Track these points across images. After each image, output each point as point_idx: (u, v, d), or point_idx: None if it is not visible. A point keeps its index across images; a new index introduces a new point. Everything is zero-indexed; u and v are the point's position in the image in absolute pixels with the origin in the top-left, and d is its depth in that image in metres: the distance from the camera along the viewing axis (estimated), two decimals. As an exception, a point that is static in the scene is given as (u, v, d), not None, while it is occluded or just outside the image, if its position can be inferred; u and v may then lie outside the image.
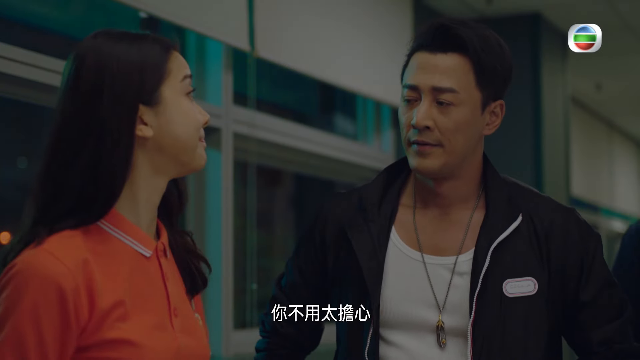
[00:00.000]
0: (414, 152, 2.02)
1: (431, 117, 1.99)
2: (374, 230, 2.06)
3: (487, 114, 2.07)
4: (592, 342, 2.04)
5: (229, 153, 4.21)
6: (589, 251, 2.07)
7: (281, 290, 2.21)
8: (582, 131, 9.24)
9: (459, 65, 2.00)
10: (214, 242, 4.15)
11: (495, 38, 2.06)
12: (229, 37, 4.10)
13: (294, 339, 2.21)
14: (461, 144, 2.02)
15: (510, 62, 2.09)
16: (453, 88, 1.99)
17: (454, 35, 2.02)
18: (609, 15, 6.39)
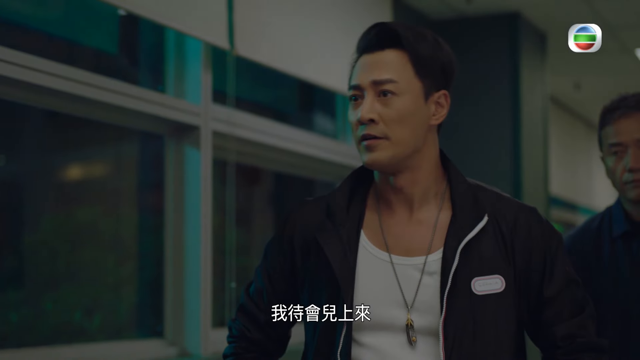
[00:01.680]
0: (364, 148, 2.07)
1: (375, 110, 2.05)
2: (343, 234, 2.10)
3: (431, 104, 2.11)
4: (556, 337, 2.09)
5: (207, 151, 4.21)
6: (552, 249, 2.12)
7: (250, 297, 2.24)
8: (560, 130, 9.27)
9: (396, 58, 2.07)
10: (193, 241, 4.15)
11: (431, 34, 2.12)
12: (208, 36, 4.10)
13: (261, 344, 2.23)
14: (407, 134, 2.06)
15: (450, 56, 2.14)
16: (392, 78, 2.05)
17: (389, 32, 2.09)
18: (587, 15, 6.42)
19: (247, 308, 2.23)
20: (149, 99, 3.95)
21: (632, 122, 2.87)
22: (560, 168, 9.29)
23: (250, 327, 2.22)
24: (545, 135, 6.86)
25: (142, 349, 3.98)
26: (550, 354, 2.12)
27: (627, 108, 2.88)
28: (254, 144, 4.72)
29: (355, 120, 2.07)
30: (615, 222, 2.94)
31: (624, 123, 2.87)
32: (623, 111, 2.88)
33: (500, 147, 6.31)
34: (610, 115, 2.92)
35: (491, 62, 6.38)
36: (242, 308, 2.25)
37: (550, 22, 6.66)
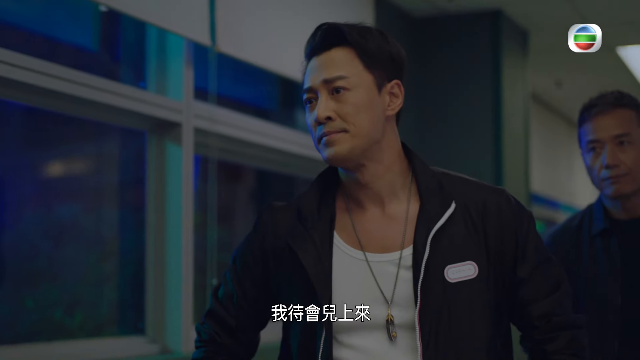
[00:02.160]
0: (324, 146, 2.08)
1: (331, 108, 2.07)
2: (316, 237, 2.10)
3: (385, 95, 2.12)
4: (532, 317, 2.12)
5: (189, 148, 4.21)
6: (523, 228, 2.14)
7: (218, 301, 2.24)
8: (542, 128, 9.30)
9: (343, 56, 2.10)
10: (174, 237, 4.15)
11: (376, 29, 2.14)
12: (190, 32, 4.09)
13: (231, 349, 2.23)
14: (366, 125, 2.07)
15: (398, 47, 2.15)
16: (342, 75, 2.08)
17: (333, 32, 2.11)
18: (568, 12, 6.43)
19: (217, 312, 2.23)
20: (130, 95, 3.94)
21: (609, 119, 2.89)
22: (541, 165, 9.32)
23: (220, 331, 2.22)
24: (527, 133, 6.88)
25: (123, 346, 3.97)
26: (527, 334, 2.15)
27: (604, 105, 2.91)
28: (236, 141, 4.72)
29: (313, 121, 2.09)
30: (595, 220, 2.97)
31: (601, 120, 2.90)
32: (600, 108, 2.91)
33: (481, 144, 6.32)
34: (588, 113, 2.94)
35: (473, 60, 6.39)
36: (211, 312, 2.24)
37: (531, 20, 6.68)
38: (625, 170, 2.87)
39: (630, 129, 2.89)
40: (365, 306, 2.06)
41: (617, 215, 2.95)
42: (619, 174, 2.87)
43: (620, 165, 2.87)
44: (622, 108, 2.91)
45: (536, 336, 2.12)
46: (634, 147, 2.89)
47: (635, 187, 2.89)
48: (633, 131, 2.89)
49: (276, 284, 2.16)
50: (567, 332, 2.12)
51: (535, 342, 2.13)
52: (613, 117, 2.89)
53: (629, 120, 2.90)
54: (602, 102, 2.92)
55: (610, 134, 2.88)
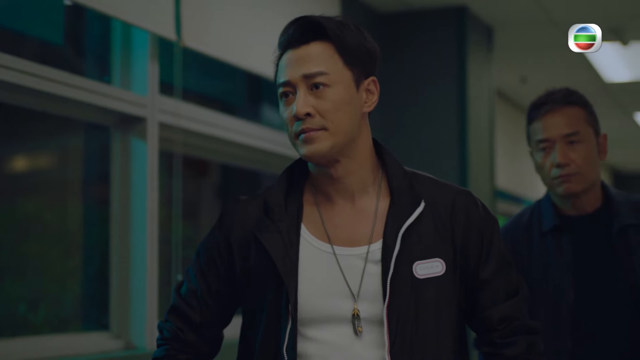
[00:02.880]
0: (301, 142, 2.07)
1: (310, 104, 2.06)
2: (283, 229, 2.10)
3: (362, 92, 2.12)
4: (493, 320, 2.13)
5: (154, 143, 4.19)
6: (488, 231, 2.16)
7: (181, 297, 2.22)
8: (507, 124, 9.34)
9: (323, 50, 2.08)
10: (139, 233, 4.13)
11: (351, 22, 2.13)
12: (155, 26, 4.07)
13: (195, 346, 2.21)
14: (345, 123, 2.07)
15: (374, 43, 2.15)
16: (322, 71, 2.06)
17: (312, 25, 2.09)
18: (533, 9, 6.47)
19: (180, 308, 2.20)
20: (95, 90, 3.92)
21: (558, 117, 2.89)
22: (506, 161, 9.36)
23: (183, 327, 2.20)
24: (492, 129, 6.91)
25: (87, 342, 3.95)
26: (486, 338, 2.15)
27: (554, 103, 2.90)
28: (201, 136, 4.71)
29: (291, 116, 2.07)
30: (545, 217, 2.98)
31: (550, 119, 2.90)
32: (550, 106, 2.90)
33: (446, 141, 6.34)
34: (537, 111, 2.94)
35: (438, 56, 6.41)
36: (174, 309, 2.22)
37: (497, 16, 6.71)
38: (576, 169, 2.87)
39: (579, 127, 2.89)
40: (331, 299, 2.06)
41: (566, 211, 2.97)
42: (569, 172, 2.87)
43: (570, 164, 2.87)
44: (571, 106, 2.91)
45: (496, 339, 2.13)
46: (583, 146, 2.88)
47: (585, 185, 2.89)
48: (582, 129, 2.89)
49: (242, 277, 2.14)
50: (525, 337, 2.14)
51: (495, 346, 2.14)
52: (562, 116, 2.90)
53: (578, 119, 2.90)
54: (551, 100, 2.92)
55: (560, 133, 2.88)
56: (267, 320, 2.09)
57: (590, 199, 2.94)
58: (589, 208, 2.95)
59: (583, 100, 2.95)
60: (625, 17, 6.58)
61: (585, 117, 2.91)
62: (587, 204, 2.94)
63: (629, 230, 2.89)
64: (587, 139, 2.90)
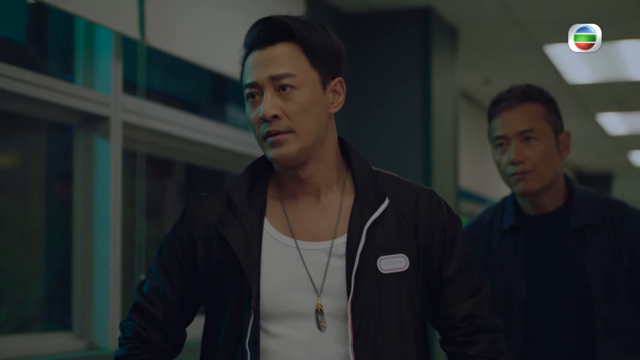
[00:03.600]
0: (269, 145, 2.07)
1: (277, 106, 2.05)
2: (246, 223, 2.10)
3: (329, 93, 2.12)
4: (456, 317, 2.15)
5: (117, 142, 4.17)
6: (451, 230, 2.17)
7: (143, 295, 2.21)
8: (470, 124, 9.38)
9: (289, 52, 2.07)
10: (102, 232, 4.11)
11: (317, 22, 2.13)
12: (118, 25, 4.05)
13: (157, 344, 2.20)
14: (312, 125, 2.07)
15: (340, 43, 2.15)
16: (289, 72, 2.06)
17: (278, 26, 2.09)
18: (497, 10, 6.50)
19: (143, 307, 2.19)
20: (58, 88, 3.90)
21: (516, 114, 2.85)
22: (470, 162, 9.40)
23: (146, 326, 2.18)
24: (456, 129, 6.93)
25: (49, 342, 3.93)
26: (449, 336, 2.17)
27: (512, 100, 2.86)
28: (165, 136, 4.69)
29: (258, 117, 2.07)
30: (505, 216, 2.95)
31: (507, 115, 2.86)
32: (508, 103, 2.86)
33: (411, 141, 6.36)
34: (496, 108, 2.90)
35: (403, 56, 6.42)
36: (136, 307, 2.20)
37: (461, 18, 6.73)
38: (531, 166, 2.83)
39: (536, 125, 2.84)
40: (294, 294, 2.06)
41: (527, 211, 2.92)
42: (524, 170, 2.83)
43: (525, 162, 2.83)
44: (529, 102, 2.86)
45: (458, 338, 2.15)
46: (539, 143, 2.84)
47: (542, 183, 2.85)
48: (539, 126, 2.85)
49: (205, 273, 2.14)
50: (487, 336, 2.16)
51: (457, 344, 2.15)
52: (519, 112, 2.85)
53: (536, 115, 2.85)
54: (510, 97, 2.87)
55: (515, 130, 2.84)
56: (229, 315, 2.08)
57: (550, 198, 2.90)
58: (550, 207, 2.90)
59: (543, 96, 2.90)
60: (589, 18, 6.61)
61: (544, 114, 2.86)
62: (548, 203, 2.90)
63: (586, 230, 2.84)
64: (544, 136, 2.85)
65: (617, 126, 11.12)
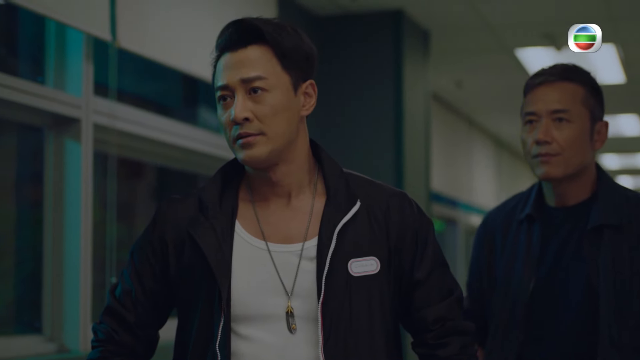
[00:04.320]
0: (240, 147, 2.07)
1: (248, 109, 2.05)
2: (217, 226, 2.10)
3: (300, 95, 2.13)
4: (427, 320, 2.15)
5: (88, 144, 4.16)
6: (423, 231, 2.18)
7: (116, 298, 2.21)
8: (442, 127, 9.41)
9: (261, 54, 2.08)
10: (73, 235, 4.09)
11: (289, 25, 2.14)
12: (89, 27, 4.04)
13: (130, 347, 2.20)
14: (283, 128, 2.08)
15: (311, 45, 2.16)
16: (260, 75, 2.06)
17: (249, 28, 2.09)
18: (469, 14, 6.52)
19: (114, 309, 2.19)
20: (29, 90, 3.88)
21: (551, 91, 2.66)
22: (442, 165, 9.43)
23: (118, 329, 2.19)
24: (427, 132, 6.95)
25: (20, 345, 3.91)
26: (421, 338, 2.18)
27: (550, 76, 2.68)
28: (136, 138, 4.68)
29: (229, 120, 2.07)
30: (527, 203, 2.76)
31: (542, 91, 2.67)
32: (544, 78, 2.68)
33: (382, 143, 6.37)
34: (532, 82, 2.71)
35: (375, 59, 6.44)
36: (109, 310, 2.21)
37: (432, 21, 6.75)
38: (558, 149, 2.62)
39: (571, 106, 2.64)
40: (265, 296, 2.06)
41: (549, 201, 2.72)
42: (549, 152, 2.63)
43: (552, 143, 2.63)
44: (568, 82, 2.67)
45: (430, 340, 2.15)
46: (571, 127, 2.63)
47: (566, 170, 2.64)
48: (574, 109, 2.64)
49: (176, 276, 2.14)
50: (459, 338, 2.17)
51: (429, 346, 2.16)
52: (555, 90, 2.65)
53: (573, 96, 2.65)
54: (549, 73, 2.68)
55: (548, 108, 2.64)
56: (200, 318, 2.08)
57: (575, 189, 2.69)
58: (572, 200, 2.69)
59: (585, 78, 2.70)
60: (559, 22, 6.66)
61: (583, 97, 2.66)
62: (571, 194, 2.69)
63: (604, 230, 2.62)
64: (578, 120, 2.64)
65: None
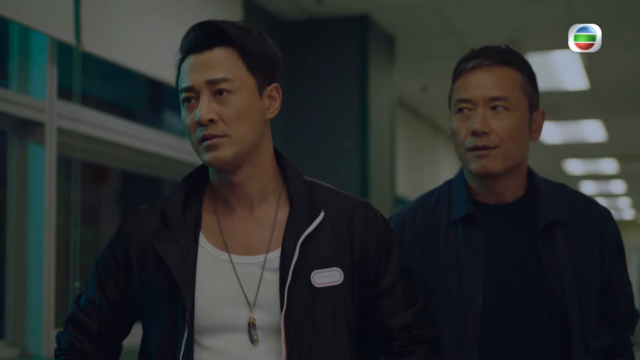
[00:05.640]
0: (204, 149, 2.07)
1: (213, 110, 2.05)
2: (180, 238, 2.10)
3: (265, 98, 2.13)
4: (393, 329, 2.15)
5: (52, 148, 4.13)
6: (387, 241, 2.18)
7: (80, 307, 2.21)
8: (407, 132, 9.43)
9: (226, 56, 2.08)
10: (36, 239, 4.07)
11: (254, 28, 2.14)
12: (53, 30, 4.01)
13: (92, 356, 2.20)
14: (248, 130, 2.08)
15: (276, 49, 2.16)
16: (226, 77, 2.06)
17: (215, 30, 2.09)
18: (434, 20, 6.54)
19: (78, 319, 2.20)
20: (-8, 93, 3.86)
21: (487, 76, 2.37)
22: (407, 169, 9.45)
23: (82, 338, 2.19)
24: (393, 137, 6.96)
25: (-19, 350, 3.88)
26: (386, 347, 2.17)
27: (486, 58, 2.38)
28: (101, 142, 4.66)
29: (194, 122, 2.07)
30: (456, 202, 2.44)
31: (477, 76, 2.37)
32: (480, 62, 2.38)
33: (348, 148, 6.38)
34: (464, 65, 2.41)
35: (340, 64, 6.44)
36: (72, 319, 2.21)
37: (398, 26, 6.77)
38: (497, 141, 2.34)
39: (510, 93, 2.35)
40: (227, 308, 2.06)
41: (482, 197, 2.43)
42: (487, 144, 2.34)
43: (490, 135, 2.33)
44: (506, 66, 2.38)
45: (395, 349, 2.16)
46: (511, 116, 2.35)
47: (506, 164, 2.36)
48: (514, 96, 2.35)
49: (140, 287, 2.14)
50: (424, 346, 2.17)
51: (394, 355, 2.16)
52: (493, 75, 2.36)
53: (512, 83, 2.37)
54: (484, 56, 2.39)
55: (484, 95, 2.35)
56: (163, 329, 2.08)
57: (512, 184, 2.41)
58: (510, 196, 2.42)
59: (523, 64, 2.42)
60: (523, 28, 6.70)
61: (521, 84, 2.38)
62: (508, 190, 2.41)
63: (554, 228, 2.38)
64: (518, 109, 2.36)
65: (551, 135, 11.24)
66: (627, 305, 2.48)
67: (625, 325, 2.49)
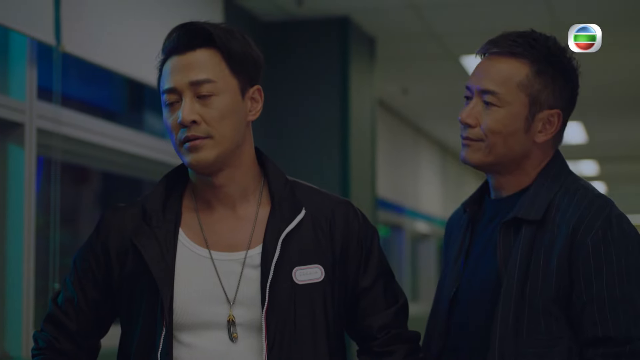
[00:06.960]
0: (187, 150, 2.07)
1: (196, 112, 2.05)
2: (160, 235, 2.10)
3: (247, 100, 2.13)
4: (373, 328, 2.16)
5: (32, 149, 4.12)
6: (368, 240, 2.19)
7: (58, 306, 2.20)
8: (388, 134, 9.44)
9: (209, 58, 2.08)
10: (16, 240, 4.05)
11: (237, 30, 2.14)
12: (33, 31, 4.00)
13: (71, 355, 2.20)
14: (230, 132, 2.08)
15: (258, 51, 2.17)
16: (209, 79, 2.06)
17: (198, 31, 2.09)
18: (415, 22, 6.56)
19: (56, 317, 2.19)
20: (-29, 94, 3.84)
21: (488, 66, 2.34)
22: (387, 171, 9.46)
23: (60, 337, 2.18)
24: (373, 139, 6.97)
25: (-40, 352, 3.86)
26: (366, 346, 2.19)
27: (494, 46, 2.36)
28: (81, 143, 4.64)
29: (176, 123, 2.06)
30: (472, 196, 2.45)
31: (482, 64, 2.36)
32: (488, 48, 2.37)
33: (328, 149, 6.38)
34: (481, 50, 2.39)
35: (321, 65, 6.45)
36: (50, 318, 2.20)
37: (379, 28, 6.78)
38: (480, 135, 2.28)
39: (501, 89, 2.28)
40: (207, 305, 2.06)
41: (491, 192, 2.40)
42: (469, 136, 2.30)
43: (475, 127, 2.28)
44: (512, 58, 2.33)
45: (375, 348, 2.17)
46: (500, 112, 2.27)
47: (486, 158, 2.29)
48: (505, 92, 2.27)
49: (119, 284, 2.14)
50: (404, 346, 2.18)
51: (374, 354, 2.17)
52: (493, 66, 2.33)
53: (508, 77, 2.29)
54: (494, 43, 2.36)
55: (477, 86, 2.30)
56: (142, 326, 2.08)
57: (511, 181, 2.32)
58: (506, 192, 2.34)
59: (536, 54, 2.33)
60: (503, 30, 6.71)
61: (521, 79, 2.29)
62: (506, 186, 2.33)
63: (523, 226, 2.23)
64: (512, 105, 2.27)
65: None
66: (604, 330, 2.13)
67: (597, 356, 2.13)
